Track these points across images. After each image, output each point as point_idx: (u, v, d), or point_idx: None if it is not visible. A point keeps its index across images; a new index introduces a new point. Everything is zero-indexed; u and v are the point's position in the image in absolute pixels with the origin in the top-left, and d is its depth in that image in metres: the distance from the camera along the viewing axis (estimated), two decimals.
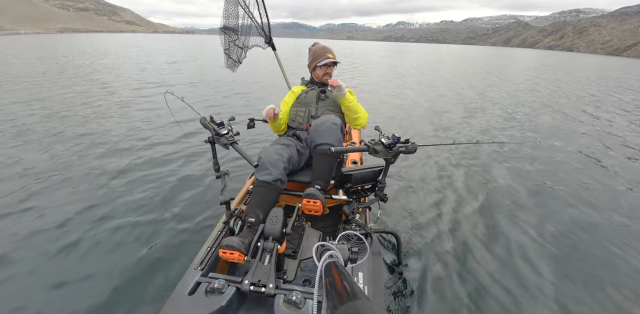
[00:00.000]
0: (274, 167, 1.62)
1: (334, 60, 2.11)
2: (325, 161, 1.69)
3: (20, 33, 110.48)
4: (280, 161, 1.66)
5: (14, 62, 13.00)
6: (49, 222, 2.43)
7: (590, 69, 23.91)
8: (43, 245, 2.18)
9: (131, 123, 5.14)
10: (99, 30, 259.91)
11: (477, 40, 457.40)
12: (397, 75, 14.20)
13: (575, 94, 10.42)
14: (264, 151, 1.71)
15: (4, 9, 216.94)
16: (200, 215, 2.59)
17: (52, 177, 3.15)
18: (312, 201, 1.51)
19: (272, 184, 1.62)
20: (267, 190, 1.61)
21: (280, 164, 1.65)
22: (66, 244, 2.19)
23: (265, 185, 1.61)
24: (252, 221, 1.49)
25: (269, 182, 1.61)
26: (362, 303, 0.58)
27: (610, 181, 3.66)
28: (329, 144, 1.68)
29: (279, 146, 1.77)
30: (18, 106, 5.91)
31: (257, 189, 1.62)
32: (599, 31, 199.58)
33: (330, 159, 1.70)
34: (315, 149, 1.71)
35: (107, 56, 17.35)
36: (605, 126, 6.36)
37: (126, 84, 8.74)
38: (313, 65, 2.17)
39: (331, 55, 2.10)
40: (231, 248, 1.27)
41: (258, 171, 1.65)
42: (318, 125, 1.74)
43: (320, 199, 1.51)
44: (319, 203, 1.51)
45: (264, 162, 1.64)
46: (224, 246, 1.28)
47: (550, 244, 2.46)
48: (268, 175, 1.61)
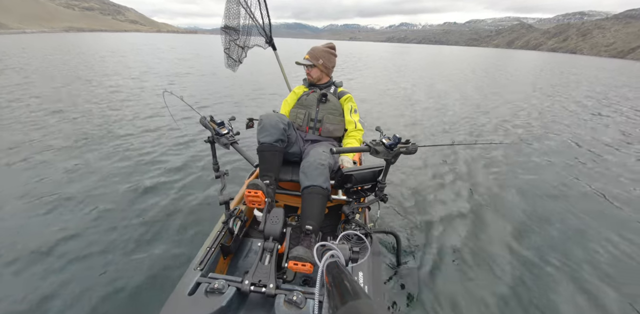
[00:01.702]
0: (274, 128, 1.72)
1: (305, 62, 2.10)
2: (316, 200, 1.59)
3: (26, 32, 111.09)
4: (280, 122, 1.75)
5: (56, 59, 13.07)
6: (48, 222, 2.43)
7: (592, 70, 23.86)
8: (43, 244, 2.18)
9: (133, 123, 5.16)
10: (104, 30, 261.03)
11: (480, 42, 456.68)
12: (398, 76, 14.20)
13: (573, 94, 10.42)
14: (264, 115, 1.79)
15: (10, 7, 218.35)
16: (200, 215, 2.59)
17: (52, 177, 3.17)
18: (301, 264, 1.28)
19: (274, 145, 1.72)
20: (271, 153, 1.71)
21: (280, 125, 1.74)
22: (65, 244, 2.19)
23: (269, 148, 1.71)
24: (267, 182, 1.60)
25: (270, 143, 1.71)
26: (363, 302, 0.58)
27: (611, 180, 3.67)
28: (317, 186, 1.60)
29: (279, 113, 1.87)
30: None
31: (262, 154, 1.71)
32: (603, 34, 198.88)
33: (321, 198, 1.60)
34: (304, 190, 1.62)
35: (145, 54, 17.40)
36: (605, 124, 6.37)
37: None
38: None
39: (306, 56, 2.11)
40: (255, 187, 1.37)
41: (259, 132, 1.74)
42: (305, 167, 1.66)
43: (310, 262, 1.28)
44: (309, 265, 1.28)
45: (264, 124, 1.73)
46: (250, 185, 1.41)
47: (550, 243, 2.46)
48: (269, 136, 1.71)
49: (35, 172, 3.22)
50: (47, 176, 3.16)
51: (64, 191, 2.89)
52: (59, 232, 2.31)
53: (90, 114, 5.50)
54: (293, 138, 1.92)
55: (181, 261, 2.05)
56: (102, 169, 3.37)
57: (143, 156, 3.80)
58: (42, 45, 23.62)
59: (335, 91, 2.21)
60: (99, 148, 3.97)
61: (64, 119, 5.16)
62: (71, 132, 4.52)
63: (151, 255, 2.11)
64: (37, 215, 2.52)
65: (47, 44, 25.69)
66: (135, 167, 3.48)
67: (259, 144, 1.74)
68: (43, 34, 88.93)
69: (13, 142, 3.99)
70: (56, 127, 4.72)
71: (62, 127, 4.70)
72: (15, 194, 2.79)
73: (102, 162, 3.57)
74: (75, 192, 2.87)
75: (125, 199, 2.81)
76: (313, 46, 2.20)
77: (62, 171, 3.28)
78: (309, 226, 1.50)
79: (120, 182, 3.10)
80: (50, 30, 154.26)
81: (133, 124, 5.10)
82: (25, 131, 4.47)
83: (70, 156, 3.70)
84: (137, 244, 2.22)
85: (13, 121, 4.91)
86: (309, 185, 1.61)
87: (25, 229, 2.34)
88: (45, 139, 4.16)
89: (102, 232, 2.33)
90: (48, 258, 2.06)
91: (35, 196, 2.78)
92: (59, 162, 3.50)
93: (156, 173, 3.35)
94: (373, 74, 14.52)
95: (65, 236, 2.27)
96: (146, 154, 3.84)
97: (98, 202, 2.73)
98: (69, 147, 3.94)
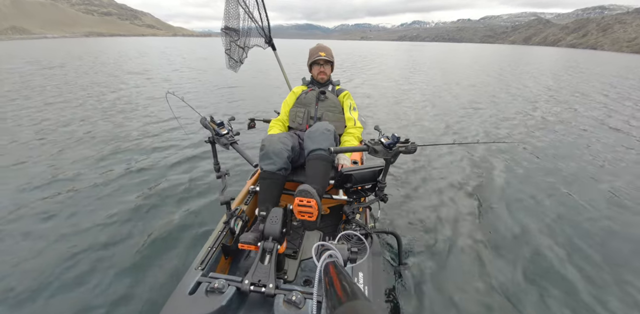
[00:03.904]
0: (277, 157, 1.65)
1: (325, 58, 2.11)
2: (320, 165, 1.62)
3: (47, 37, 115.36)
4: (284, 149, 1.67)
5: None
6: (46, 222, 2.47)
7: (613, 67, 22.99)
8: (41, 244, 2.22)
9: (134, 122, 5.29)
10: (122, 34, 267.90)
11: (496, 39, 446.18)
12: (399, 76, 14.03)
13: (582, 92, 10.07)
14: (267, 140, 1.70)
15: (32, 13, 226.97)
16: (201, 215, 2.61)
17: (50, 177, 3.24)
18: (306, 200, 1.31)
19: (277, 173, 1.65)
20: (272, 181, 1.64)
21: (284, 153, 1.67)
22: (65, 244, 2.22)
23: (270, 176, 1.64)
24: (263, 214, 1.54)
25: (273, 172, 1.64)
26: (361, 303, 0.58)
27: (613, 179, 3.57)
28: (322, 149, 1.62)
29: (282, 135, 1.78)
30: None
31: (263, 182, 1.64)
32: (624, 28, 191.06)
33: (325, 164, 1.62)
34: (309, 155, 1.65)
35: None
36: (609, 124, 6.15)
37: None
38: (309, 65, 2.21)
39: (323, 54, 2.11)
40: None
41: (262, 159, 1.67)
42: (311, 132, 1.70)
43: (315, 198, 1.32)
44: (314, 203, 1.31)
45: (267, 151, 1.65)
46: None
47: (551, 243, 2.43)
48: (272, 165, 1.64)
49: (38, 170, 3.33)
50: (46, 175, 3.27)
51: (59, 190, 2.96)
52: (56, 232, 2.34)
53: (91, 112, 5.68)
54: (298, 156, 1.86)
55: (182, 261, 2.07)
56: (101, 168, 3.45)
57: (143, 156, 3.86)
58: (84, 50, 24.00)
59: (334, 89, 2.22)
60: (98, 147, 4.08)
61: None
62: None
63: (152, 255, 2.14)
64: (48, 216, 2.57)
65: (85, 49, 26.62)
66: (136, 167, 3.52)
67: (261, 170, 1.68)
68: (64, 38, 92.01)
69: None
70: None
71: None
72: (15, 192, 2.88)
73: (103, 161, 3.65)
74: (66, 193, 2.91)
75: (123, 199, 2.84)
76: (322, 45, 2.21)
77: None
78: (313, 188, 1.45)
79: (117, 182, 3.14)
80: (72, 35, 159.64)
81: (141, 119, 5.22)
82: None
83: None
84: (138, 244, 2.25)
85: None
86: (315, 148, 1.63)
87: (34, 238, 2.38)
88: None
89: (102, 232, 2.37)
90: (49, 258, 2.09)
91: (44, 192, 2.88)
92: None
93: (156, 173, 3.39)
94: (374, 75, 14.34)
95: (63, 236, 2.31)
96: (146, 154, 3.91)
97: (96, 202, 2.77)
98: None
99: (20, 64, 13.84)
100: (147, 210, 2.68)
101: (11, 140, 4.28)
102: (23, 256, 2.11)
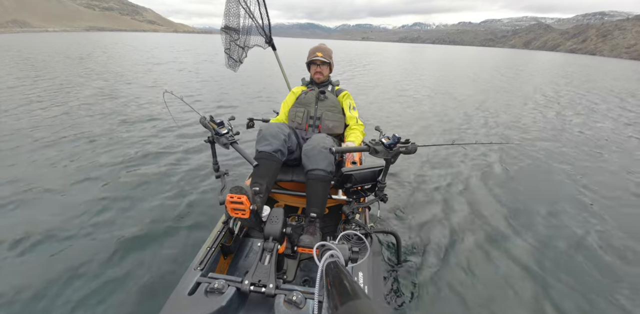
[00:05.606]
0: (274, 138, 1.70)
1: (321, 58, 2.11)
2: (319, 186, 1.66)
3: (48, 31, 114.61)
4: (281, 133, 1.74)
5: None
6: (45, 221, 2.45)
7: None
8: (40, 243, 2.20)
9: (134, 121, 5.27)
10: (123, 30, 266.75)
11: (496, 43, 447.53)
12: (399, 76, 14.08)
13: (582, 93, 10.14)
14: (265, 126, 1.78)
15: (33, 7, 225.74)
16: (200, 215, 2.59)
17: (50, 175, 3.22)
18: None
19: (273, 154, 1.69)
20: (268, 162, 1.68)
21: (281, 136, 1.73)
22: (64, 244, 2.20)
23: (267, 156, 1.68)
24: (256, 189, 1.56)
25: (269, 152, 1.68)
26: (363, 302, 0.57)
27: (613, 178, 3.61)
28: (320, 169, 1.65)
29: (279, 123, 1.85)
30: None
31: (259, 161, 1.67)
32: (624, 35, 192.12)
33: (325, 185, 1.66)
34: (308, 174, 1.68)
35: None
36: (607, 125, 6.21)
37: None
38: (307, 64, 2.22)
39: (320, 54, 2.11)
40: (239, 191, 1.22)
41: (258, 141, 1.72)
42: (308, 150, 1.70)
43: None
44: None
45: (264, 134, 1.71)
46: (233, 188, 1.24)
47: (551, 243, 2.44)
48: (268, 146, 1.68)
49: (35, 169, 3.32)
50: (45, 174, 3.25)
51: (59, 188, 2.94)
52: (55, 232, 2.32)
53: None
54: (294, 146, 1.90)
55: (181, 261, 2.06)
56: (101, 169, 3.40)
57: (143, 155, 3.82)
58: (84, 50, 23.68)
59: (333, 89, 2.22)
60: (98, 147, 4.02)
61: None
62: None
63: (152, 255, 2.12)
64: (50, 215, 2.54)
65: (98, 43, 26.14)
66: (134, 166, 3.49)
67: (257, 152, 1.70)
68: (65, 32, 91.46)
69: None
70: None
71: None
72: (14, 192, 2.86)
73: (101, 161, 3.60)
74: (64, 192, 2.89)
75: (124, 199, 2.81)
76: (320, 46, 2.21)
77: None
78: (313, 213, 1.63)
79: (117, 182, 3.10)
80: (73, 30, 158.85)
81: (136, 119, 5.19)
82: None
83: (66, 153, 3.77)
84: (138, 245, 2.23)
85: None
86: (313, 168, 1.66)
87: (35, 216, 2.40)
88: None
89: (102, 233, 2.34)
90: (48, 258, 2.07)
91: (46, 192, 2.86)
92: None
93: (155, 173, 3.34)
94: (374, 74, 14.37)
95: (62, 236, 2.29)
96: (146, 154, 3.86)
97: (96, 202, 2.74)
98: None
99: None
100: (146, 210, 2.65)
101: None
102: (23, 257, 2.09)
